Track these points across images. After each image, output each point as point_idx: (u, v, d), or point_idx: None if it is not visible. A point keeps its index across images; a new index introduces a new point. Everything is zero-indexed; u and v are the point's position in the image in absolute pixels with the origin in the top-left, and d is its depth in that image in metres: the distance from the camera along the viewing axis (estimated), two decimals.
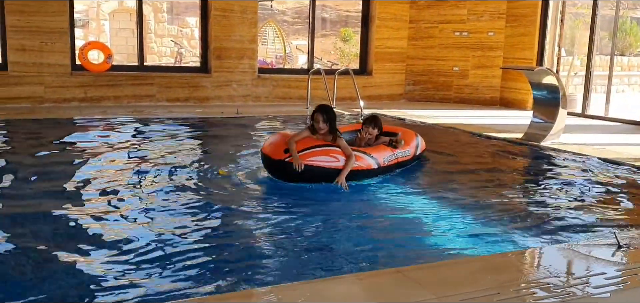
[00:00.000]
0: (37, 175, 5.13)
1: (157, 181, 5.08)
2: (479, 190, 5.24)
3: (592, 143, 7.63)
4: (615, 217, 4.50)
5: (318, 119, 5.03)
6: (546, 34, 11.46)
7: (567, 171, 6.20)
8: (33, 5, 9.26)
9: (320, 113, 5.05)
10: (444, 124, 9.14)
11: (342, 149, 5.00)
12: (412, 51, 12.65)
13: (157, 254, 3.36)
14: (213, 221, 4.13)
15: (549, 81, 7.57)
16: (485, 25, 12.11)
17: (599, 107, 11.00)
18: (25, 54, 9.32)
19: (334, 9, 22.74)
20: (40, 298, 2.78)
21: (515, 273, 3.02)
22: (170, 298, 2.80)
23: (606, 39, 15.82)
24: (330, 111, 5.13)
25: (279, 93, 11.39)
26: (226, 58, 10.80)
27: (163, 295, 2.85)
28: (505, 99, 12.13)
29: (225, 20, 10.70)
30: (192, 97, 10.59)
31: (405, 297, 2.67)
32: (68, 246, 3.45)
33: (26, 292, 2.82)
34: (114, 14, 18.92)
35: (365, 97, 11.15)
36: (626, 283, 2.92)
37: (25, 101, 9.36)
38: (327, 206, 4.56)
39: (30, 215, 4.06)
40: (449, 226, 4.13)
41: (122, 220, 4.01)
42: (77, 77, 9.77)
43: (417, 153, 6.12)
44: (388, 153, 5.51)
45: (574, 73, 14.68)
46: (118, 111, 9.18)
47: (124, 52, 17.47)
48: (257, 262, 3.33)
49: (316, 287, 2.82)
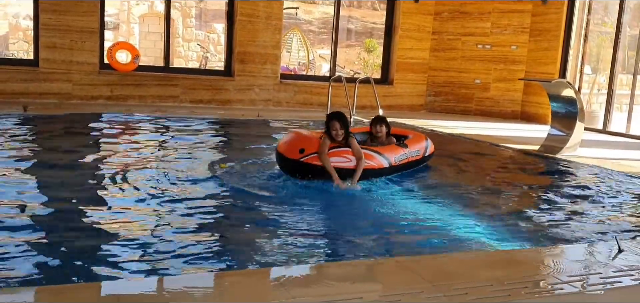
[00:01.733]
0: (61, 167, 5.35)
1: (174, 172, 5.27)
2: (487, 194, 5.31)
3: (610, 157, 7.61)
4: (621, 225, 4.52)
5: (336, 127, 5.09)
6: (569, 50, 11.44)
7: (580, 180, 6.22)
8: (65, 5, 9.58)
9: (337, 121, 5.12)
10: (461, 134, 9.19)
11: (353, 151, 5.08)
12: (434, 62, 12.72)
13: (167, 236, 3.51)
14: (215, 213, 4.28)
15: (567, 94, 7.58)
16: (509, 38, 12.13)
17: (621, 124, 10.92)
18: (56, 51, 9.64)
19: (360, 20, 22.85)
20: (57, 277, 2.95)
21: (510, 269, 3.09)
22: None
23: (634, 58, 15.66)
24: (344, 117, 5.22)
25: (300, 99, 11.55)
26: (249, 62, 11.01)
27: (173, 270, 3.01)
28: (527, 113, 12.11)
29: (250, 26, 10.91)
30: (214, 100, 10.81)
31: (400, 283, 2.77)
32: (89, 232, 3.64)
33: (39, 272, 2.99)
34: (144, 18, 19.34)
35: (386, 107, 11.24)
36: (620, 283, 2.97)
37: (54, 97, 9.67)
38: (333, 200, 4.68)
39: (52, 206, 4.26)
40: (452, 224, 4.21)
41: (134, 207, 4.18)
42: (104, 75, 10.06)
43: (427, 154, 6.20)
44: (400, 152, 5.59)
45: (597, 90, 14.56)
46: (142, 110, 9.42)
47: (151, 55, 17.82)
48: (263, 246, 3.46)
49: (316, 269, 2.93)
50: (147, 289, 2.69)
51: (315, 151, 4.95)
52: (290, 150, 5.08)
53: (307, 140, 5.09)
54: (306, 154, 4.96)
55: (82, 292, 2.60)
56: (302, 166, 4.97)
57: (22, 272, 2.90)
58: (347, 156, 5.07)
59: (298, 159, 4.98)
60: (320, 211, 4.33)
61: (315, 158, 4.93)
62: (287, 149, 5.12)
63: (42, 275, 2.91)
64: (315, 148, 4.99)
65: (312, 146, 5.00)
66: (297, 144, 5.08)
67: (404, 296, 2.59)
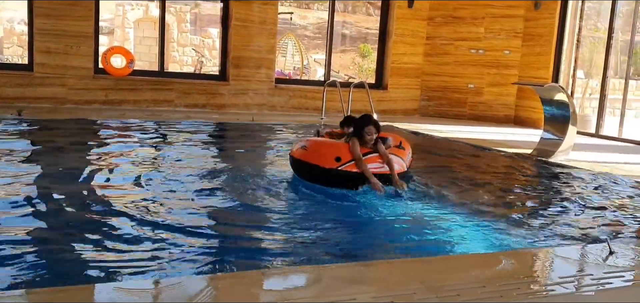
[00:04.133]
0: (59, 169, 5.36)
1: (175, 174, 5.28)
2: (480, 197, 5.34)
3: (603, 161, 7.67)
4: (613, 228, 4.56)
5: (371, 131, 4.92)
6: (562, 54, 11.52)
7: (572, 183, 6.27)
8: (60, 10, 9.59)
9: (373, 125, 4.96)
10: (454, 137, 9.24)
11: (381, 154, 4.96)
12: (427, 66, 12.77)
13: (164, 239, 3.53)
14: (223, 213, 4.30)
15: (559, 98, 7.65)
16: (502, 43, 12.21)
17: (614, 128, 11.00)
18: (51, 56, 9.65)
19: (354, 25, 22.95)
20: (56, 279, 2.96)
21: (503, 271, 3.13)
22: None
23: (626, 63, 15.77)
24: (377, 121, 5.08)
25: (294, 103, 11.59)
26: (244, 67, 11.04)
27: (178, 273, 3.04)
28: (520, 118, 12.18)
29: (244, 30, 10.95)
30: (209, 104, 10.83)
31: (393, 284, 2.80)
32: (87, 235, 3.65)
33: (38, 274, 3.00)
34: (138, 23, 19.36)
35: (380, 111, 11.27)
36: (610, 284, 3.01)
37: (48, 102, 9.67)
38: (326, 204, 4.70)
39: (49, 203, 4.27)
40: (444, 227, 4.23)
41: (134, 213, 4.20)
42: (99, 80, 10.07)
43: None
44: (407, 155, 5.40)
45: (589, 95, 14.67)
46: (137, 114, 9.43)
47: (146, 59, 17.83)
48: (258, 248, 3.49)
49: (310, 271, 2.96)
50: (143, 292, 2.70)
51: (352, 159, 4.79)
52: (324, 159, 4.84)
53: (341, 147, 4.91)
54: (343, 162, 4.78)
55: (77, 295, 2.61)
56: (341, 175, 4.78)
57: (15, 275, 2.91)
58: (379, 161, 4.94)
59: (336, 168, 4.78)
60: (313, 215, 4.35)
61: (354, 165, 4.78)
62: (320, 158, 4.86)
63: (35, 278, 2.92)
64: (349, 155, 4.82)
65: (347, 154, 4.82)
66: (331, 152, 4.87)
67: (397, 297, 2.61)
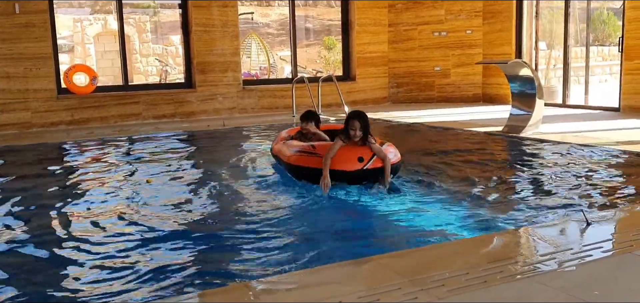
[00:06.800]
0: (34, 197, 5.24)
1: (156, 190, 5.21)
2: (455, 181, 5.38)
3: (572, 131, 7.81)
4: (588, 198, 4.64)
5: (355, 126, 4.84)
6: (523, 29, 11.68)
7: (544, 157, 6.37)
8: (15, 32, 9.37)
9: (357, 119, 4.86)
10: (425, 123, 9.30)
11: (375, 152, 4.90)
12: (393, 54, 12.84)
13: (148, 258, 3.48)
14: (203, 226, 4.25)
15: (524, 73, 7.75)
16: (463, 23, 12.32)
17: (580, 96, 11.21)
18: (10, 81, 9.43)
19: (317, 18, 22.90)
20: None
21: (484, 255, 3.15)
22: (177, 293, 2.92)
23: (584, 31, 16.07)
24: (365, 116, 4.96)
25: (264, 104, 11.54)
26: (210, 72, 10.95)
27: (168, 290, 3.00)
28: (488, 95, 12.33)
29: (206, 35, 10.85)
30: (178, 113, 10.72)
31: (378, 281, 2.80)
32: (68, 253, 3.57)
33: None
34: (98, 37, 19.02)
35: (350, 102, 11.30)
36: (590, 257, 3.05)
37: (13, 128, 9.45)
38: (307, 205, 4.69)
39: (31, 231, 4.17)
40: (424, 216, 4.26)
41: (118, 233, 4.12)
42: (63, 100, 9.88)
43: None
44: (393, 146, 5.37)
45: (553, 65, 14.91)
46: (105, 131, 9.28)
47: (110, 73, 17.57)
48: (243, 257, 3.46)
49: (294, 276, 2.94)
50: None
51: (373, 155, 4.82)
52: (348, 163, 4.81)
53: (359, 148, 4.87)
54: (366, 161, 4.80)
55: None
56: (368, 174, 4.81)
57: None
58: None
59: (362, 168, 4.79)
60: (294, 217, 4.33)
61: (377, 161, 4.82)
62: (343, 162, 4.81)
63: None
64: (370, 153, 4.84)
65: (365, 153, 4.84)
66: (352, 154, 4.85)
67: (382, 295, 2.62)
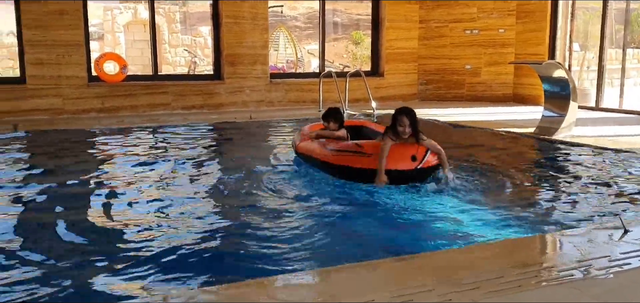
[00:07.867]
0: (59, 183, 5.29)
1: (180, 179, 5.22)
2: (486, 182, 5.27)
3: (606, 135, 7.62)
4: (624, 204, 4.51)
5: (404, 123, 4.78)
6: (557, 29, 11.45)
7: (578, 161, 6.22)
8: (48, 20, 9.49)
9: (405, 116, 4.80)
10: (456, 121, 9.17)
11: (430, 148, 4.87)
12: (423, 50, 12.70)
13: (170, 249, 3.47)
14: (231, 220, 4.24)
15: (559, 74, 7.58)
16: (496, 22, 12.13)
17: (614, 100, 10.94)
18: (43, 67, 9.55)
19: (345, 12, 22.80)
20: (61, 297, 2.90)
21: (519, 258, 3.07)
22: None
23: (621, 32, 15.71)
24: (413, 112, 4.88)
25: (291, 97, 11.51)
26: (239, 64, 10.95)
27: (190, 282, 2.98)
28: (519, 95, 12.12)
29: (236, 27, 10.85)
30: (206, 105, 10.75)
31: (409, 281, 2.74)
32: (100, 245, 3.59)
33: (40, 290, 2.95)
34: (128, 26, 19.21)
35: (378, 98, 11.20)
36: (629, 265, 2.95)
37: (44, 113, 9.58)
38: (335, 202, 4.64)
39: (48, 220, 4.21)
40: (453, 217, 4.17)
41: (141, 220, 4.13)
42: (93, 88, 9.98)
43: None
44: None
45: (587, 67, 14.60)
46: (134, 120, 9.34)
47: (139, 63, 17.72)
48: (268, 252, 3.43)
49: (324, 273, 2.90)
50: None
51: (425, 154, 4.81)
52: (401, 161, 4.79)
53: (410, 146, 4.86)
54: (420, 160, 4.79)
55: None
56: (422, 172, 4.83)
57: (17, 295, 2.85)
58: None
59: (416, 167, 4.79)
60: (323, 214, 4.27)
61: (428, 160, 4.81)
62: (396, 161, 4.79)
63: (36, 296, 2.86)
64: (423, 151, 4.82)
65: (418, 151, 4.82)
66: (406, 152, 4.81)
67: (415, 295, 2.56)
